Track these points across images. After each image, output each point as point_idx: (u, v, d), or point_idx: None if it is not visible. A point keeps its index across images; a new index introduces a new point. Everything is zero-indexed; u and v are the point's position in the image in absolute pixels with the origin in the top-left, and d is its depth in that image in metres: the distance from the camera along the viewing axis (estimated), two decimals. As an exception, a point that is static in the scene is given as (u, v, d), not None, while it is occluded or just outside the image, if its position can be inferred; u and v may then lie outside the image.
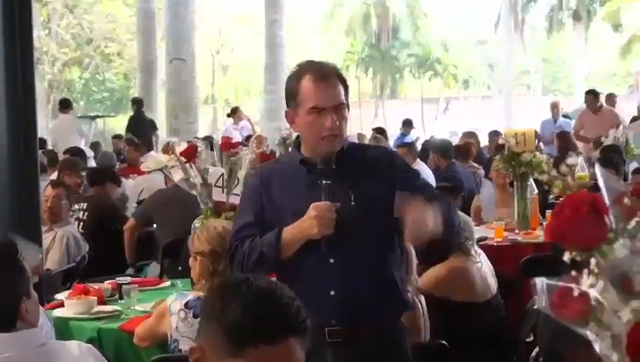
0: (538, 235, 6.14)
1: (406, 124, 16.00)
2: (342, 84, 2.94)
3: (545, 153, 7.28)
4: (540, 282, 1.29)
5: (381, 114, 34.86)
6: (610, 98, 13.89)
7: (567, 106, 19.31)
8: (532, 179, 6.43)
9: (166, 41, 17.72)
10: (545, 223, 6.22)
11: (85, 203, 6.77)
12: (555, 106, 14.05)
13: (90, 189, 7.36)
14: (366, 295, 2.91)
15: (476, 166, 9.27)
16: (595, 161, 7.45)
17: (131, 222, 6.53)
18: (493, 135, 12.12)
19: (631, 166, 8.69)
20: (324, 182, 2.87)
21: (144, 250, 6.61)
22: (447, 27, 37.22)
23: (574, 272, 1.23)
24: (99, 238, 6.37)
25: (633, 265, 1.20)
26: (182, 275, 4.80)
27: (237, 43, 36.11)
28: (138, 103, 15.75)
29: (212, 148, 4.93)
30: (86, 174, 7.79)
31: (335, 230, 2.83)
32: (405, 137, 14.64)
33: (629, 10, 29.75)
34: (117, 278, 4.76)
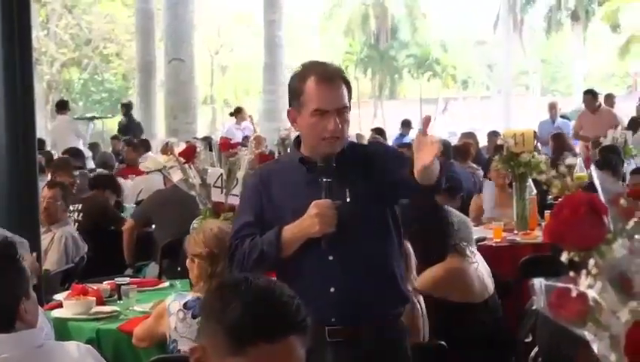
0: (537, 236, 6.15)
1: (405, 125, 16.01)
2: (345, 86, 2.95)
3: (543, 153, 7.28)
4: (539, 283, 1.29)
5: (380, 114, 34.82)
6: (608, 98, 13.89)
7: (565, 107, 19.31)
8: (531, 180, 6.43)
9: (165, 42, 17.71)
10: (543, 224, 6.22)
11: (80, 204, 6.77)
12: (553, 107, 14.04)
13: (87, 190, 7.36)
14: (366, 290, 2.92)
15: (475, 166, 9.27)
16: (593, 162, 7.46)
17: (130, 223, 6.53)
18: (492, 135, 12.12)
19: (629, 166, 8.68)
20: (324, 180, 2.88)
21: (143, 251, 6.61)
22: (445, 27, 37.19)
23: (573, 273, 1.23)
24: (97, 239, 6.36)
25: (632, 265, 1.20)
26: (181, 276, 4.79)
27: (236, 43, 36.08)
28: (127, 107, 16.41)
29: (211, 148, 4.94)
30: (90, 178, 7.79)
31: (335, 227, 2.85)
32: (404, 138, 14.63)
33: (628, 10, 29.75)
34: (116, 279, 4.77)
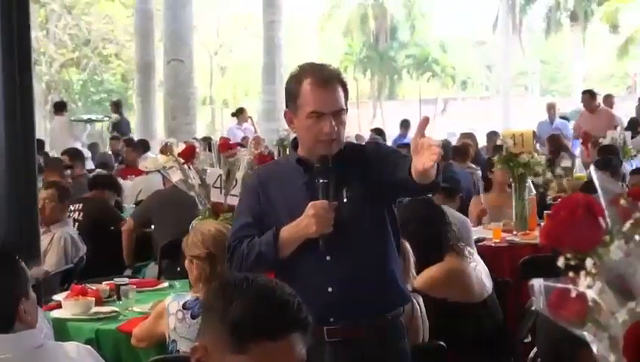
0: (536, 236, 6.14)
1: (404, 125, 16.00)
2: (342, 89, 2.94)
3: (542, 154, 7.27)
4: (538, 283, 1.29)
5: (379, 115, 34.81)
6: (607, 99, 13.89)
7: (564, 107, 19.30)
8: (530, 180, 6.43)
9: (164, 42, 17.67)
10: (543, 224, 6.21)
11: (81, 203, 6.76)
12: (552, 107, 14.04)
13: (87, 190, 7.35)
14: (364, 290, 2.93)
15: (474, 167, 9.28)
16: (592, 162, 7.46)
17: (129, 223, 6.53)
18: (491, 136, 12.12)
19: (627, 166, 8.68)
20: (320, 181, 2.89)
21: (142, 251, 6.61)
22: (445, 28, 37.19)
23: (572, 273, 1.23)
24: (96, 239, 6.36)
25: (629, 268, 1.20)
26: (180, 276, 4.79)
27: (235, 44, 36.07)
28: (117, 105, 16.94)
29: (210, 149, 4.93)
30: (89, 177, 7.79)
31: (332, 228, 2.86)
32: (404, 138, 14.62)
33: (627, 10, 29.74)
34: (115, 279, 4.76)
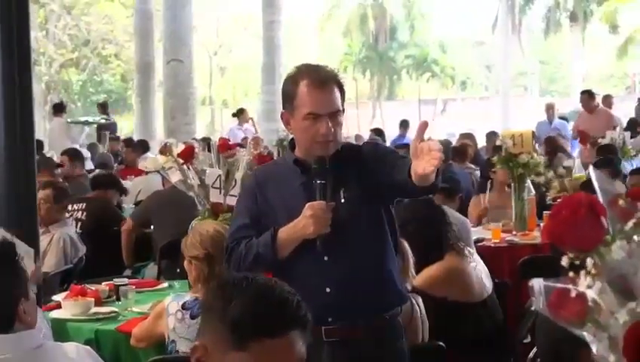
0: (535, 236, 6.14)
1: (403, 125, 15.99)
2: (339, 90, 2.95)
3: (541, 154, 7.27)
4: (538, 283, 1.29)
5: (379, 115, 34.81)
6: (607, 99, 13.89)
7: (564, 107, 19.30)
8: (529, 180, 6.43)
9: (163, 43, 17.68)
10: (542, 224, 6.21)
11: (84, 203, 6.76)
12: (551, 108, 14.03)
13: (87, 190, 7.35)
14: (361, 290, 2.93)
15: (473, 167, 9.29)
16: (592, 163, 7.46)
17: (129, 224, 6.52)
18: (490, 136, 12.12)
19: (628, 166, 8.68)
20: (317, 181, 2.89)
21: (141, 252, 6.61)
22: (444, 28, 37.19)
23: (572, 273, 1.23)
24: (99, 239, 6.36)
25: (630, 268, 1.20)
26: (179, 277, 4.79)
27: (234, 44, 36.09)
28: (104, 107, 17.44)
29: (209, 149, 4.93)
30: (91, 177, 7.79)
31: (330, 228, 2.86)
32: (403, 139, 14.60)
33: (626, 11, 29.75)
34: (114, 279, 4.76)
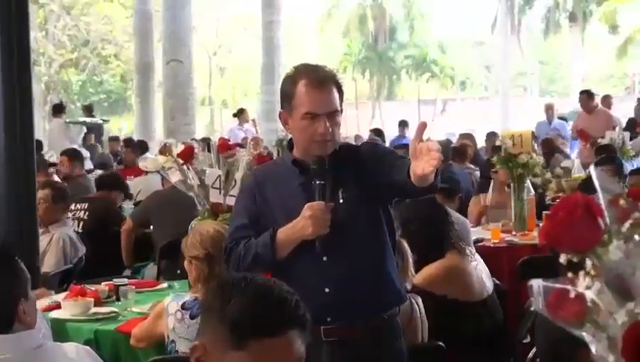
0: (535, 237, 6.14)
1: (402, 125, 15.99)
2: (337, 90, 2.95)
3: (540, 154, 7.27)
4: (537, 284, 1.29)
5: (378, 115, 34.82)
6: (606, 99, 13.89)
7: (563, 108, 19.31)
8: (529, 181, 6.43)
9: (163, 43, 17.68)
10: (542, 224, 6.21)
11: (87, 203, 6.76)
12: (550, 108, 14.03)
13: (87, 190, 7.36)
14: (360, 290, 2.93)
15: (472, 167, 9.30)
16: (592, 163, 7.46)
17: (128, 224, 6.52)
18: (490, 136, 12.13)
19: (628, 166, 8.68)
20: (317, 182, 2.89)
21: (141, 252, 6.61)
22: (444, 29, 37.19)
23: (571, 274, 1.23)
24: (101, 239, 6.36)
25: (628, 268, 1.20)
26: (179, 277, 4.79)
27: (234, 44, 36.09)
28: (89, 109, 17.72)
29: (209, 149, 4.93)
30: (97, 177, 7.79)
31: (329, 229, 2.86)
32: (404, 139, 14.60)
33: (626, 11, 29.75)
34: (114, 280, 4.76)
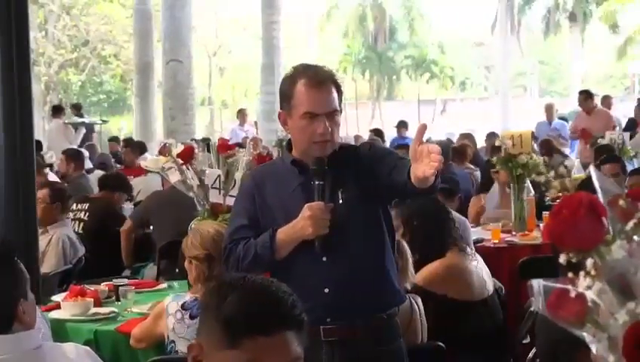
0: (535, 237, 6.15)
1: (401, 126, 15.97)
2: (336, 90, 2.95)
3: (540, 155, 7.27)
4: (537, 284, 1.29)
5: (378, 115, 34.82)
6: (606, 100, 13.90)
7: (563, 108, 19.32)
8: (529, 181, 6.43)
9: (163, 43, 17.67)
10: (541, 225, 6.21)
11: (87, 203, 6.75)
12: (550, 108, 14.03)
13: (86, 190, 7.36)
14: (360, 290, 2.93)
15: (472, 167, 9.30)
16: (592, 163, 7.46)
17: (128, 224, 6.52)
18: (490, 136, 12.13)
19: (629, 166, 8.68)
20: (316, 182, 2.89)
21: (141, 252, 6.60)
22: (443, 29, 37.19)
23: (571, 274, 1.23)
24: (97, 240, 6.35)
25: (630, 267, 1.20)
26: (179, 277, 4.79)
27: (234, 44, 36.08)
28: (78, 108, 17.52)
29: (209, 149, 4.93)
30: (100, 177, 7.80)
31: (328, 229, 2.86)
32: (404, 139, 14.58)
33: (626, 11, 29.76)
34: (113, 280, 4.76)
